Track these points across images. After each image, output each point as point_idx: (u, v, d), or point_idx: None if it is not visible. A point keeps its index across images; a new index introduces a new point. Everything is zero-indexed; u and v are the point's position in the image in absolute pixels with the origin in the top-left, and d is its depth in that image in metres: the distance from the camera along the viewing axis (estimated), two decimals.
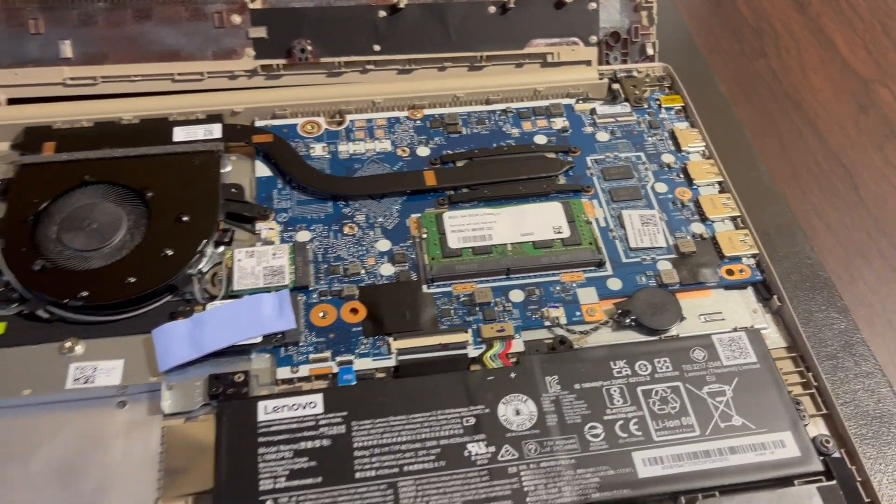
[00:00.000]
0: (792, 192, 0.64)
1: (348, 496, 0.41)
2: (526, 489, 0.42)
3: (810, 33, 0.78)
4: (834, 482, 0.43)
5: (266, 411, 0.44)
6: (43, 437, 0.44)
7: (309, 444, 0.43)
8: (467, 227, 0.54)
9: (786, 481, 0.43)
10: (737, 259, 0.53)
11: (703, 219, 0.56)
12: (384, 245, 0.53)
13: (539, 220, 0.54)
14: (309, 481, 0.42)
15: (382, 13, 0.64)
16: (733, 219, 0.56)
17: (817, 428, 0.46)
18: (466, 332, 0.49)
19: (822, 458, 0.44)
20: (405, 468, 0.42)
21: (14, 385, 0.45)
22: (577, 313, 0.50)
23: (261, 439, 0.43)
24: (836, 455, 0.44)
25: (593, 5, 0.66)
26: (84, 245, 0.51)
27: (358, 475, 0.42)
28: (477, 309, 0.50)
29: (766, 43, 0.78)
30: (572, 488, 0.42)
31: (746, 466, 0.43)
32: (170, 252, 0.51)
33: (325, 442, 0.43)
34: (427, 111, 0.62)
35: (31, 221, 0.52)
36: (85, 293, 0.49)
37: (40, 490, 0.42)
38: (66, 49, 0.61)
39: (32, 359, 0.47)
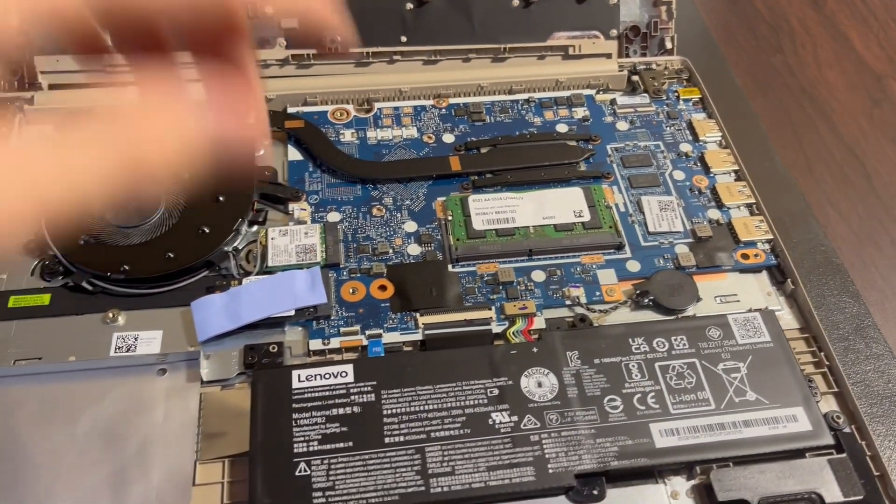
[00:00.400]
0: (806, 181, 0.66)
1: (378, 460, 0.43)
2: (547, 456, 0.44)
3: (825, 30, 0.79)
4: (844, 455, 0.45)
5: (300, 379, 0.46)
6: (88, 401, 0.46)
7: (340, 411, 0.45)
8: (491, 210, 0.56)
9: (797, 454, 0.45)
10: (752, 244, 0.55)
11: (720, 205, 0.57)
12: (411, 226, 0.55)
13: (560, 205, 0.56)
14: (340, 445, 0.44)
15: (410, 6, 0.66)
16: (749, 205, 0.57)
17: (829, 405, 0.47)
18: (490, 309, 0.51)
19: (832, 432, 0.45)
20: (432, 434, 0.44)
21: (60, 352, 0.48)
22: (597, 293, 0.52)
23: (295, 405, 0.45)
24: (847, 430, 0.46)
25: (614, 0, 0.67)
26: (125, 222, 0.53)
27: (387, 440, 0.44)
28: (500, 287, 0.52)
29: (782, 38, 0.79)
30: (592, 456, 0.44)
31: (759, 439, 0.45)
32: (207, 230, 0.53)
33: (356, 409, 0.45)
34: (452, 100, 0.65)
35: None
36: (126, 267, 0.51)
37: (86, 451, 0.44)
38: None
39: (77, 328, 0.49)
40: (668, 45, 0.69)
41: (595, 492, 0.43)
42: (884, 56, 0.77)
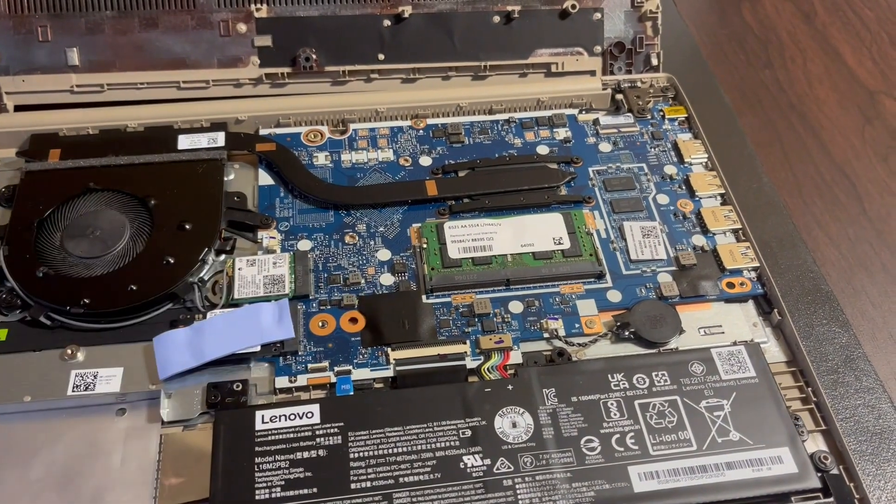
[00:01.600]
0: (795, 203, 0.64)
1: None
2: (521, 502, 0.42)
3: (816, 44, 0.78)
4: (831, 499, 0.43)
5: (263, 421, 0.44)
6: (42, 443, 0.44)
7: (305, 455, 0.43)
8: (468, 237, 0.54)
9: (783, 498, 0.43)
10: (738, 272, 0.53)
11: (705, 231, 0.56)
12: (384, 255, 0.54)
13: (540, 231, 0.54)
14: (304, 491, 0.42)
15: (387, 22, 0.64)
16: (735, 231, 0.56)
17: (816, 444, 0.46)
18: (465, 343, 0.49)
19: (819, 474, 0.43)
20: (401, 479, 0.42)
21: (15, 391, 0.46)
22: (577, 325, 0.50)
23: (258, 448, 0.43)
24: (835, 472, 0.44)
25: (598, 15, 0.66)
26: (87, 252, 0.51)
27: (353, 486, 0.42)
28: (476, 320, 0.50)
29: (772, 53, 0.77)
30: (567, 502, 0.42)
31: (743, 482, 0.43)
32: (171, 260, 0.51)
33: (322, 452, 0.43)
34: (430, 121, 0.63)
35: (35, 228, 0.52)
36: (87, 300, 0.49)
37: (39, 496, 0.42)
38: (74, 56, 0.62)
39: (34, 365, 0.47)
40: (654, 61, 0.67)
41: None
42: (876, 71, 0.75)
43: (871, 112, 0.71)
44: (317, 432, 0.44)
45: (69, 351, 0.48)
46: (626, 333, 0.50)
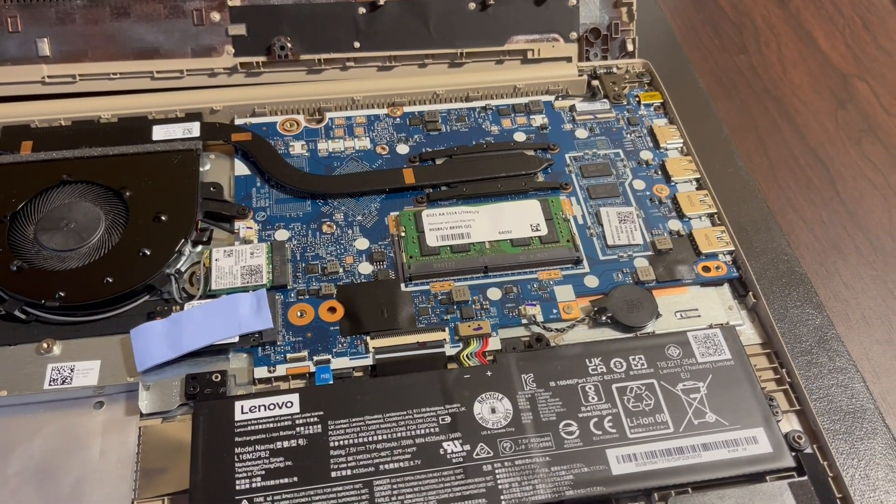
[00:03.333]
0: (769, 187, 0.65)
1: (324, 495, 0.41)
2: (500, 487, 0.42)
3: (790, 28, 0.78)
4: (805, 478, 0.43)
5: (242, 411, 0.44)
6: (20, 437, 0.44)
7: (285, 444, 0.43)
8: (445, 225, 0.54)
9: (758, 477, 0.44)
10: (713, 256, 0.54)
11: (681, 216, 0.56)
12: (362, 244, 0.54)
13: (517, 218, 0.54)
14: (285, 481, 0.42)
15: (362, 10, 0.63)
16: (710, 216, 0.56)
17: (790, 424, 0.46)
18: (444, 330, 0.49)
19: (794, 453, 0.44)
20: (381, 467, 0.42)
21: None
22: (554, 311, 0.51)
23: (237, 439, 0.43)
24: (809, 451, 0.45)
25: (573, 1, 0.66)
26: (61, 245, 0.51)
27: (334, 474, 0.42)
28: (454, 307, 0.50)
29: (747, 38, 0.78)
30: (546, 486, 0.42)
31: (719, 463, 0.44)
32: (147, 251, 0.51)
33: (302, 441, 0.43)
34: (407, 108, 0.63)
35: (8, 221, 0.52)
36: (62, 293, 0.49)
37: (17, 490, 0.42)
38: (45, 47, 0.61)
39: (9, 359, 0.47)
40: (630, 47, 0.67)
41: None
42: (849, 55, 0.75)
43: (845, 95, 0.72)
44: (296, 422, 0.44)
45: (45, 345, 0.47)
46: (604, 318, 0.50)
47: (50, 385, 0.46)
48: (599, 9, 0.66)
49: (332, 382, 0.47)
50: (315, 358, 0.48)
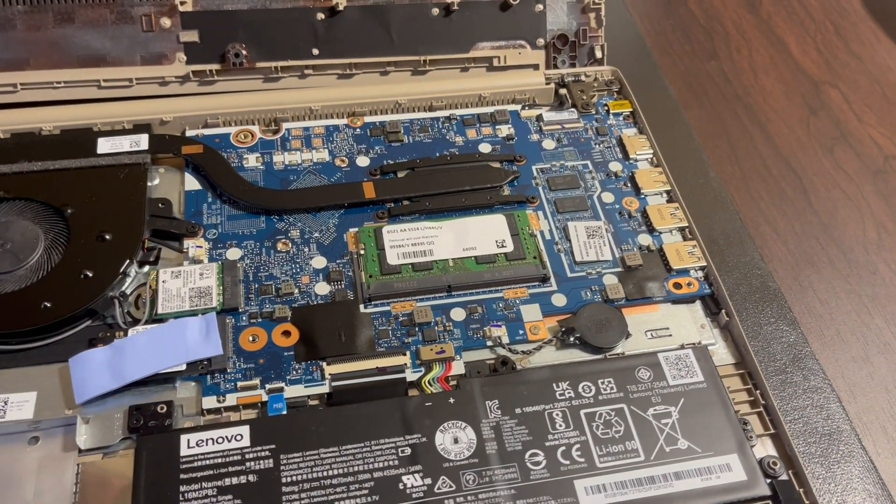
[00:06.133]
0: (741, 197, 0.63)
1: None
2: None
3: (762, 34, 0.77)
4: None
5: (189, 445, 0.41)
6: None
7: (234, 480, 0.40)
8: (407, 241, 0.52)
9: None
10: (685, 272, 0.52)
11: (651, 230, 0.54)
12: (320, 262, 0.51)
13: (482, 234, 0.52)
14: None
15: (321, 15, 0.61)
16: (681, 229, 0.54)
17: (765, 448, 0.45)
18: (405, 354, 0.46)
19: (769, 480, 0.42)
20: None
21: None
22: (521, 331, 0.48)
23: (183, 476, 0.40)
24: (784, 477, 0.43)
25: (540, 7, 0.64)
26: None
27: None
28: (416, 329, 0.48)
29: (717, 43, 0.76)
30: None
31: (692, 492, 0.42)
32: (90, 273, 0.48)
33: (252, 477, 0.41)
34: (367, 118, 0.60)
35: None
36: None
37: None
38: None
39: None
40: (598, 54, 0.65)
41: None
42: (821, 61, 0.74)
43: (816, 103, 0.71)
44: (247, 456, 0.41)
45: None
46: (572, 339, 0.48)
47: None
48: (567, 14, 0.64)
49: (285, 413, 0.44)
50: (268, 386, 0.45)
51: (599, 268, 0.52)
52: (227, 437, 0.42)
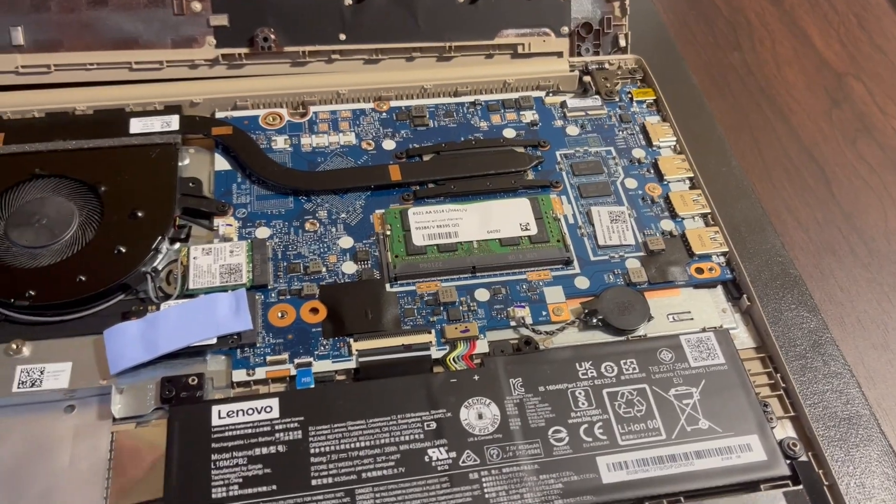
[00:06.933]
0: (763, 186, 0.63)
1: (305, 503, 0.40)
2: (487, 496, 0.41)
3: (784, 26, 0.77)
4: (800, 487, 0.42)
5: (220, 416, 0.42)
6: None
7: (264, 451, 0.41)
8: (432, 223, 0.52)
9: (752, 486, 0.42)
10: (707, 257, 0.52)
11: (674, 216, 0.55)
12: (346, 242, 0.52)
13: (506, 217, 0.53)
14: (263, 489, 0.40)
15: (348, 1, 0.62)
16: (704, 216, 0.55)
17: (785, 430, 0.45)
18: (430, 332, 0.47)
19: (788, 461, 0.43)
20: (363, 475, 0.41)
21: None
22: (544, 313, 0.49)
23: (214, 445, 0.41)
24: (804, 458, 0.43)
25: None
26: (33, 242, 0.49)
27: (314, 482, 0.40)
28: (441, 308, 0.49)
29: (741, 35, 0.76)
30: (535, 495, 0.41)
31: (712, 471, 0.42)
32: (123, 249, 0.49)
33: (281, 448, 0.42)
34: (393, 103, 0.61)
35: None
36: (32, 292, 0.47)
37: None
38: (18, 36, 0.59)
39: None
40: (622, 42, 0.66)
41: None
42: (844, 53, 0.74)
43: (839, 95, 0.71)
44: (276, 427, 0.42)
45: (14, 346, 0.45)
46: (594, 321, 0.49)
47: (18, 388, 0.44)
48: (591, 3, 0.65)
49: (313, 386, 0.45)
50: (296, 361, 0.46)
51: (622, 252, 0.53)
52: (256, 408, 0.43)
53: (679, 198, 0.55)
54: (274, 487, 0.40)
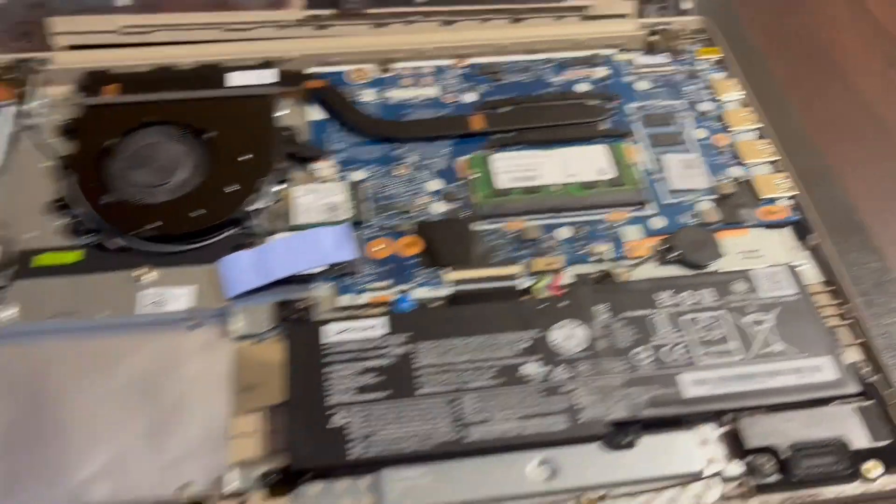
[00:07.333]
0: (824, 140, 0.66)
1: (412, 409, 0.44)
2: (579, 406, 0.44)
3: None
4: (872, 401, 0.45)
5: (331, 333, 0.46)
6: (122, 356, 0.47)
7: (373, 363, 0.45)
8: (515, 168, 0.56)
9: (824, 402, 0.45)
10: (774, 200, 0.55)
11: (742, 163, 0.58)
12: (435, 185, 0.56)
13: (584, 163, 0.56)
14: (374, 396, 0.44)
15: None
16: (771, 163, 0.58)
17: (854, 355, 0.48)
18: (517, 264, 0.51)
19: (859, 381, 0.46)
20: (465, 385, 0.45)
21: (92, 308, 0.48)
22: (622, 249, 0.53)
23: (327, 359, 0.45)
24: (873, 379, 0.46)
25: None
26: (150, 181, 0.53)
27: (421, 392, 0.44)
28: (526, 244, 0.52)
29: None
30: (622, 405, 0.44)
31: (787, 388, 0.45)
32: (230, 188, 0.53)
33: (389, 361, 0.45)
34: (472, 60, 0.64)
35: (99, 159, 0.54)
36: (153, 225, 0.51)
37: (123, 404, 0.45)
38: None
39: (108, 284, 0.49)
40: (688, 4, 0.69)
41: (626, 439, 0.44)
42: None
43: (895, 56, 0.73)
44: (383, 343, 0.46)
45: (140, 272, 0.50)
46: (670, 257, 0.52)
47: (146, 308, 0.48)
48: None
49: (414, 309, 0.49)
50: (396, 287, 0.50)
51: (694, 195, 0.56)
52: (363, 327, 0.47)
53: (747, 146, 0.58)
54: (384, 394, 0.44)
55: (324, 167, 0.56)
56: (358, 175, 0.56)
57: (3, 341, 0.47)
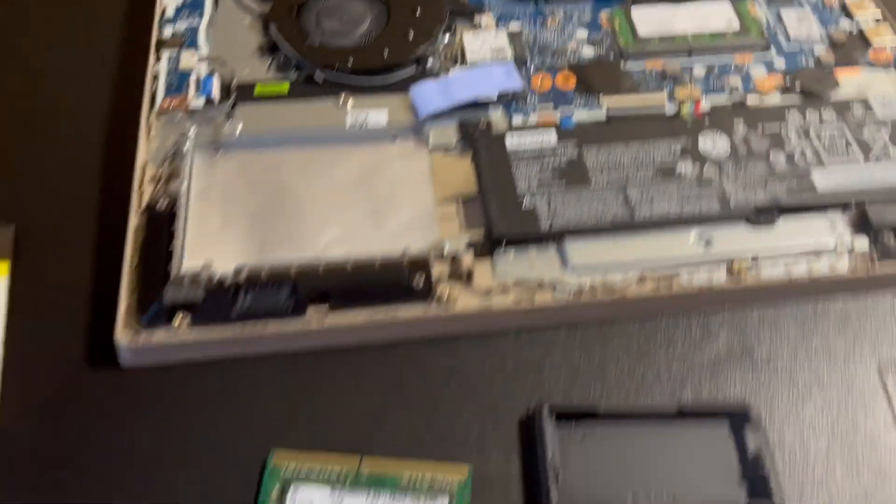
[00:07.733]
0: None
1: (588, 195, 0.52)
2: (727, 194, 0.53)
3: None
4: None
5: (513, 139, 0.55)
6: (338, 159, 0.56)
7: (551, 163, 0.54)
8: (652, 19, 0.64)
9: None
10: (883, 48, 0.63)
11: (851, 17, 0.65)
12: (582, 34, 0.64)
13: (712, 14, 0.64)
14: (556, 185, 0.53)
15: None
16: (876, 20, 0.65)
17: None
18: (663, 92, 0.59)
19: None
20: (630, 178, 0.53)
21: (309, 123, 0.58)
22: (751, 84, 0.61)
23: (513, 158, 0.54)
24: None
25: None
26: (342, 28, 0.62)
27: (593, 184, 0.53)
28: (668, 79, 0.61)
29: None
30: (765, 194, 0.53)
31: None
32: (411, 35, 0.62)
33: (563, 160, 0.54)
34: None
35: (297, 10, 0.63)
36: (346, 62, 0.60)
37: (345, 195, 0.54)
38: None
39: (316, 108, 0.58)
40: None
41: (769, 219, 0.52)
42: None
43: None
44: (556, 149, 0.55)
45: (342, 98, 0.59)
46: (793, 87, 0.60)
47: (351, 126, 0.57)
48: None
49: (579, 124, 0.58)
50: (559, 109, 0.58)
51: (810, 43, 0.63)
52: (538, 137, 0.56)
53: (853, 3, 0.66)
54: (563, 184, 0.53)
55: (485, 20, 0.65)
56: (514, 26, 0.64)
57: (240, 148, 0.56)
